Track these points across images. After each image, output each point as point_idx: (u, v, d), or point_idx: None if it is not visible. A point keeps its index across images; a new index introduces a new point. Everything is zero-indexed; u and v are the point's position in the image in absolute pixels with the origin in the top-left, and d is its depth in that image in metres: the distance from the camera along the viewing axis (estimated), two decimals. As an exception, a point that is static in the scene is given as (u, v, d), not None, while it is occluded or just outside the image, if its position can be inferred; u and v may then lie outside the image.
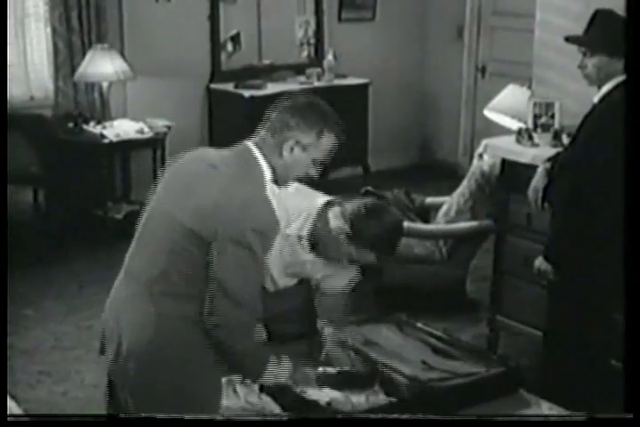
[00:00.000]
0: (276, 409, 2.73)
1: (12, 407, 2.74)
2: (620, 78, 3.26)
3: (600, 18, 3.34)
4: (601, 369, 3.43)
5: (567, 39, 3.47)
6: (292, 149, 2.48)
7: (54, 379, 4.12)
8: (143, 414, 2.15)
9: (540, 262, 3.45)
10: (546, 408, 2.81)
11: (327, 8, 7.29)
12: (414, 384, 2.78)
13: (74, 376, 4.14)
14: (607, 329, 3.37)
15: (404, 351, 3.01)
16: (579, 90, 4.41)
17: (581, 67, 3.35)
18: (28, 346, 4.47)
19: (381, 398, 2.76)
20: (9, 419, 2.37)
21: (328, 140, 2.51)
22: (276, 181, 2.56)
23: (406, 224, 4.64)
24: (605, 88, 3.32)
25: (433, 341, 3.11)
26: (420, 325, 3.22)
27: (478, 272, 4.93)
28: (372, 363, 2.87)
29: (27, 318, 4.76)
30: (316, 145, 2.50)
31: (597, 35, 3.30)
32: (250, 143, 2.55)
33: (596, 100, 3.37)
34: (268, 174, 2.52)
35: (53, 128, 5.86)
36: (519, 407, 2.81)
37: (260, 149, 2.52)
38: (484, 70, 7.45)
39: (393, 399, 2.76)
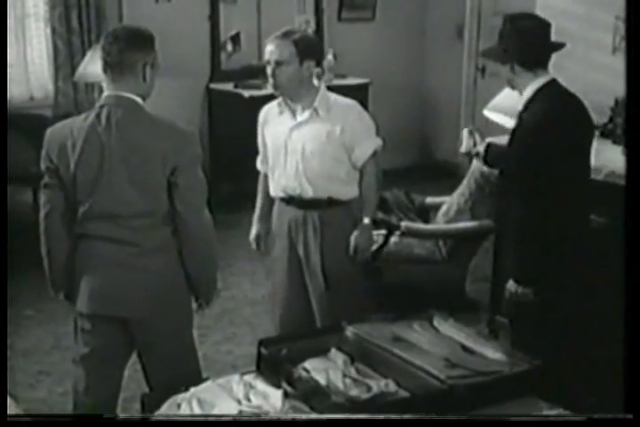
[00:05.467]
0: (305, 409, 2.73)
1: (12, 407, 2.74)
2: (537, 85, 3.21)
3: (504, 25, 3.27)
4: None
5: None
6: None
7: (54, 379, 4.12)
8: (143, 415, 2.16)
9: (512, 286, 3.33)
10: (546, 408, 2.81)
11: (327, 8, 7.29)
12: (431, 381, 2.79)
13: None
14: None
15: (432, 348, 3.01)
16: (578, 90, 4.41)
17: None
18: (28, 346, 4.47)
19: (392, 387, 2.77)
20: (9, 419, 2.38)
21: None
22: None
23: (406, 224, 4.67)
24: (525, 96, 3.26)
25: (463, 338, 3.11)
26: (452, 322, 3.23)
27: (478, 272, 4.93)
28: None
29: (27, 319, 4.76)
30: None
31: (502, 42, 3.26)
32: None
33: (519, 107, 3.32)
34: None
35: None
36: (541, 408, 2.78)
37: None
38: (483, 70, 7.44)
39: (406, 393, 2.77)
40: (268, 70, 3.49)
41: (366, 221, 3.59)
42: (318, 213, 3.57)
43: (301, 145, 3.52)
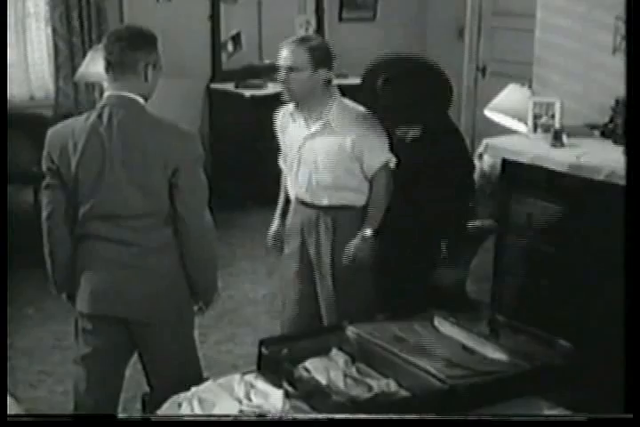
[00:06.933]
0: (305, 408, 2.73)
1: (13, 407, 2.75)
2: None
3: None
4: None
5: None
6: None
7: (55, 378, 4.12)
8: (143, 415, 2.16)
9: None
10: (546, 408, 2.82)
11: (328, 8, 7.29)
12: (431, 381, 2.80)
13: (74, 376, 4.15)
14: None
15: (432, 348, 3.03)
16: (579, 90, 4.42)
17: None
18: (28, 346, 4.47)
19: (392, 387, 2.78)
20: (9, 419, 2.38)
21: None
22: None
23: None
24: None
25: (464, 338, 3.11)
26: (453, 321, 3.23)
27: (478, 272, 4.93)
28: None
29: (27, 318, 4.76)
30: None
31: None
32: None
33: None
34: None
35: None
36: (542, 407, 2.79)
37: None
38: (484, 70, 7.45)
39: (406, 393, 2.77)
40: (281, 76, 3.43)
41: (367, 232, 3.52)
42: (331, 215, 3.55)
43: (314, 157, 3.50)
